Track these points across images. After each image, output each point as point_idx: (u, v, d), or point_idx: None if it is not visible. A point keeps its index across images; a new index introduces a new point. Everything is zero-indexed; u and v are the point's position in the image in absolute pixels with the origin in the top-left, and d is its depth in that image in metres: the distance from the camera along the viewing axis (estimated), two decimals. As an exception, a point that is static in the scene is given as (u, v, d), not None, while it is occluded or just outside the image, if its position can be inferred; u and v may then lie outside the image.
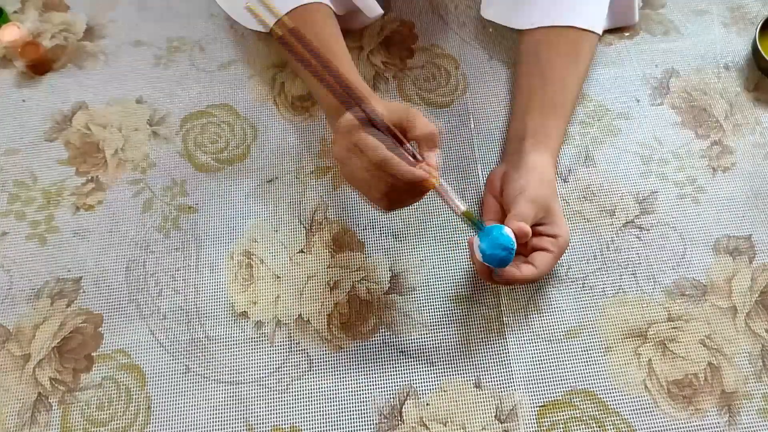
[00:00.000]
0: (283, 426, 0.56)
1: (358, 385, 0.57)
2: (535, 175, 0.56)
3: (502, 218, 0.57)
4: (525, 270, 0.53)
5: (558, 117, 0.62)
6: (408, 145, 0.49)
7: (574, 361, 0.57)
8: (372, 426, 0.55)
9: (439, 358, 0.58)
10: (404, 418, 0.55)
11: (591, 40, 0.65)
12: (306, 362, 0.58)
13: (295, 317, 0.59)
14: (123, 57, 0.73)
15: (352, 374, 0.57)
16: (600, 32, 0.65)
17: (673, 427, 0.55)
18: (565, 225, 0.56)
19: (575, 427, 0.55)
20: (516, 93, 0.65)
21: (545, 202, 0.55)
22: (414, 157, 0.49)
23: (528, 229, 0.52)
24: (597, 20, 0.65)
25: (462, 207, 0.50)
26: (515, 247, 0.50)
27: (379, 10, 0.68)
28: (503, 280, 0.53)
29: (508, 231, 0.50)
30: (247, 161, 0.67)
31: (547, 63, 0.63)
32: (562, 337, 0.58)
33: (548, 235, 0.55)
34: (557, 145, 0.62)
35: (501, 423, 0.55)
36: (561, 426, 0.55)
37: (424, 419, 0.55)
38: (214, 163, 0.67)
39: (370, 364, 0.58)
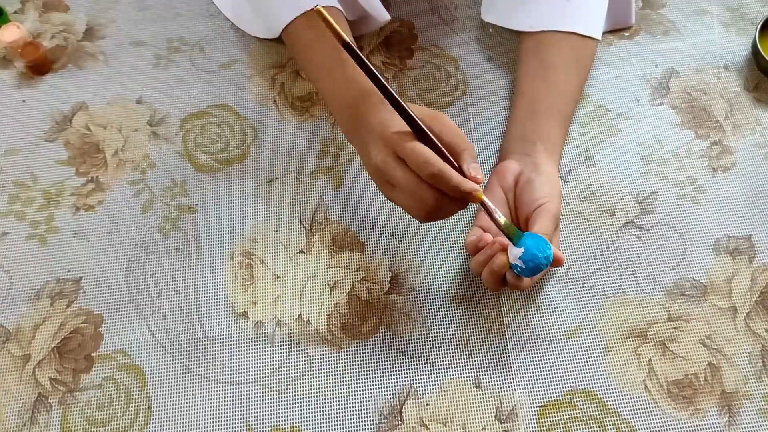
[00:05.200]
0: (283, 426, 0.56)
1: (358, 385, 0.57)
2: (553, 187, 0.56)
3: (507, 210, 0.57)
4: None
5: (561, 125, 0.63)
6: (448, 155, 0.47)
7: (574, 361, 0.57)
8: (372, 426, 0.55)
9: (439, 358, 0.58)
10: (404, 418, 0.55)
11: (591, 47, 0.66)
12: (306, 362, 0.58)
13: (295, 317, 0.59)
14: (123, 57, 0.73)
15: (352, 374, 0.57)
16: (599, 38, 0.66)
17: (673, 427, 0.55)
18: (558, 241, 0.58)
19: (575, 427, 0.55)
20: (517, 93, 0.65)
21: (558, 216, 0.56)
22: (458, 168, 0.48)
23: (563, 258, 0.52)
24: (597, 26, 0.65)
25: (502, 219, 0.50)
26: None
27: (387, 16, 0.68)
28: (513, 284, 0.53)
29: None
30: (247, 161, 0.67)
31: (550, 67, 0.63)
32: (562, 337, 0.58)
33: None
34: (561, 152, 0.63)
35: (501, 423, 0.55)
36: (561, 426, 0.55)
37: (424, 419, 0.55)
38: (214, 164, 0.67)
39: (370, 364, 0.58)
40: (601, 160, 0.66)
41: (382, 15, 0.68)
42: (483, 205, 0.49)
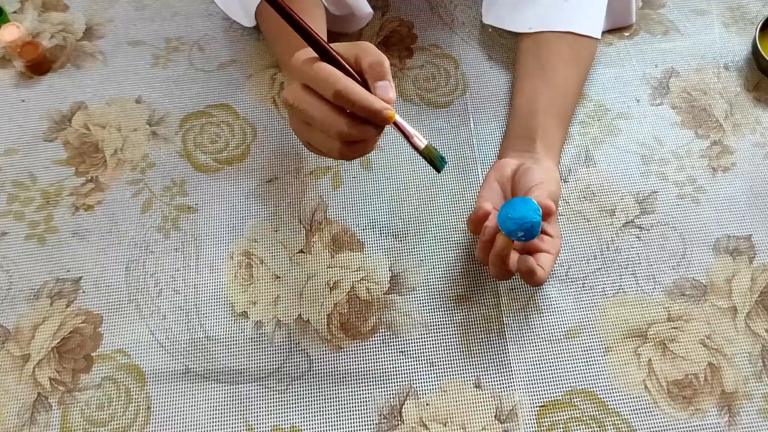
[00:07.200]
0: (283, 426, 0.55)
1: (358, 385, 0.57)
2: (552, 177, 0.56)
3: (503, 202, 0.55)
4: (544, 262, 0.51)
5: (561, 123, 0.63)
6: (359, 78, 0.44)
7: (574, 361, 0.57)
8: (372, 426, 0.55)
9: (439, 358, 0.58)
10: (404, 418, 0.55)
11: (590, 46, 0.66)
12: (306, 362, 0.58)
13: (295, 317, 0.59)
14: (122, 57, 0.73)
15: (352, 374, 0.57)
16: (599, 37, 0.66)
17: (673, 427, 0.55)
18: (558, 228, 0.57)
19: (575, 427, 0.55)
20: (516, 92, 0.65)
21: (555, 202, 0.55)
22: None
23: (553, 206, 0.50)
24: (596, 26, 0.65)
25: (423, 143, 0.46)
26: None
27: (369, 9, 0.67)
28: (524, 267, 0.50)
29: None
30: (247, 161, 0.67)
31: (549, 67, 0.63)
32: (562, 337, 0.58)
33: (547, 234, 0.55)
34: (560, 151, 0.63)
35: (501, 423, 0.55)
36: (561, 426, 0.55)
37: (424, 419, 0.55)
38: (213, 163, 0.67)
39: (370, 364, 0.58)
40: (601, 160, 0.66)
41: (363, 9, 0.67)
42: (397, 126, 0.45)
